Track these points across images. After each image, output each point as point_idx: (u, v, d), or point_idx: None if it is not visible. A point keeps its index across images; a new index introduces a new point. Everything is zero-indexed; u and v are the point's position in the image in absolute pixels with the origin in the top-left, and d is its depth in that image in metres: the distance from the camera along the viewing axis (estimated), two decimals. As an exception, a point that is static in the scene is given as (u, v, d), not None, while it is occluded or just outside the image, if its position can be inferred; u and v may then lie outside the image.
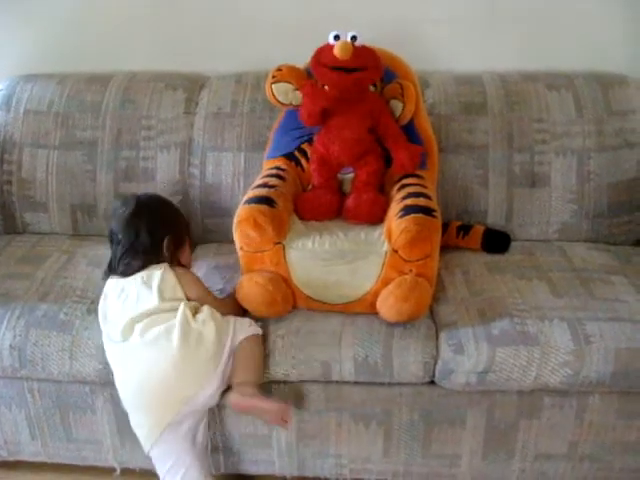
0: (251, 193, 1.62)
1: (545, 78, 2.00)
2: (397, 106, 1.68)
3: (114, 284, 1.58)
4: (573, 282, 1.71)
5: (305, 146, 1.79)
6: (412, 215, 1.51)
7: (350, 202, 1.66)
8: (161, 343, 1.46)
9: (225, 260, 1.83)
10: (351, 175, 1.73)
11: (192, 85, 2.05)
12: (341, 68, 1.59)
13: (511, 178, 1.92)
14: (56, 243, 1.96)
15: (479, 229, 1.88)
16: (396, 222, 1.52)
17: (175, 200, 1.94)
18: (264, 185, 1.65)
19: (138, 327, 1.49)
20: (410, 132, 1.72)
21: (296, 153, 1.80)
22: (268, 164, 1.81)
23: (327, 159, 1.69)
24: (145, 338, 1.47)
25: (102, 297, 1.59)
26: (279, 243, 1.56)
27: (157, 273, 1.55)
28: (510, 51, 2.10)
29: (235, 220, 1.56)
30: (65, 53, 2.16)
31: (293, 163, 1.79)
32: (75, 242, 1.97)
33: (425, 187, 1.65)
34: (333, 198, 1.68)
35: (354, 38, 1.61)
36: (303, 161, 1.79)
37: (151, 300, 1.51)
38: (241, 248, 1.58)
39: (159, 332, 1.47)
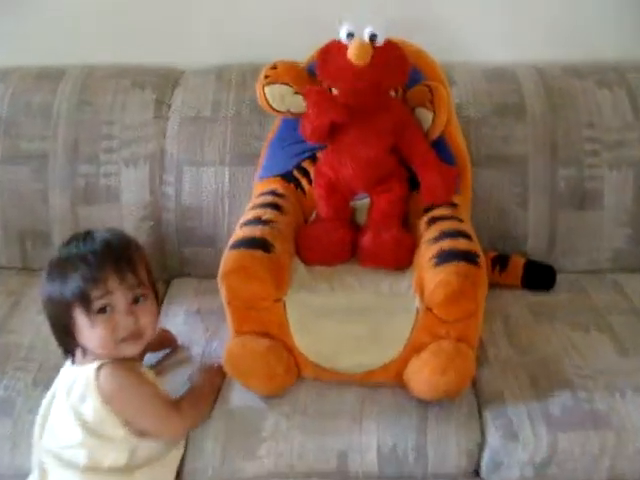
0: (240, 233, 1.26)
1: (591, 71, 1.65)
2: (426, 116, 1.32)
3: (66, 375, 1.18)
4: (638, 329, 1.39)
5: (306, 164, 1.43)
6: (451, 264, 1.17)
7: (367, 241, 1.30)
8: None
9: (208, 302, 1.48)
10: (366, 201, 1.38)
11: (163, 82, 1.67)
12: (356, 72, 1.24)
13: (555, 197, 1.58)
14: (0, 280, 1.60)
15: (519, 261, 1.54)
16: (430, 272, 1.18)
17: (145, 227, 1.60)
18: (257, 220, 1.29)
19: None
20: (439, 147, 1.37)
21: (295, 173, 1.44)
22: (261, 186, 1.45)
23: (337, 185, 1.34)
24: None
25: (47, 398, 1.20)
26: (279, 300, 1.21)
27: (79, 388, 1.12)
28: (544, 36, 1.74)
29: (221, 270, 1.21)
30: (6, 42, 1.76)
31: (292, 185, 1.43)
32: (24, 279, 1.61)
33: (461, 221, 1.31)
34: (345, 234, 1.33)
35: (374, 37, 1.24)
36: (304, 182, 1.43)
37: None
38: (229, 302, 1.23)
39: None
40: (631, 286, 1.56)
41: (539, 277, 1.54)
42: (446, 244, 1.21)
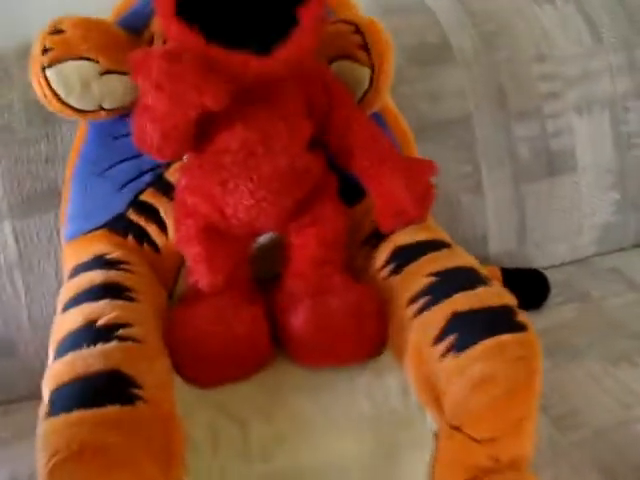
0: (63, 368, 0.62)
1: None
2: (357, 74, 0.74)
3: None
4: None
5: (149, 195, 0.81)
6: (485, 343, 0.62)
7: (301, 320, 0.71)
8: None
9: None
10: (271, 238, 0.79)
11: None
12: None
13: (518, 167, 1.09)
14: None
15: (493, 272, 1.02)
16: (447, 363, 0.63)
17: None
18: (89, 330, 0.65)
19: None
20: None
21: (132, 216, 0.81)
22: (74, 253, 0.81)
23: (221, 227, 0.73)
24: None
25: None
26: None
27: None
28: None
29: (46, 451, 0.57)
30: None
31: (131, 239, 0.80)
32: None
33: (449, 246, 0.76)
34: (255, 313, 0.72)
35: None
36: (152, 229, 0.81)
37: None
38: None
39: None
40: (636, 269, 1.11)
41: (524, 291, 1.03)
42: (458, 303, 0.66)
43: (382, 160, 0.70)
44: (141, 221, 0.80)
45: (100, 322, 0.65)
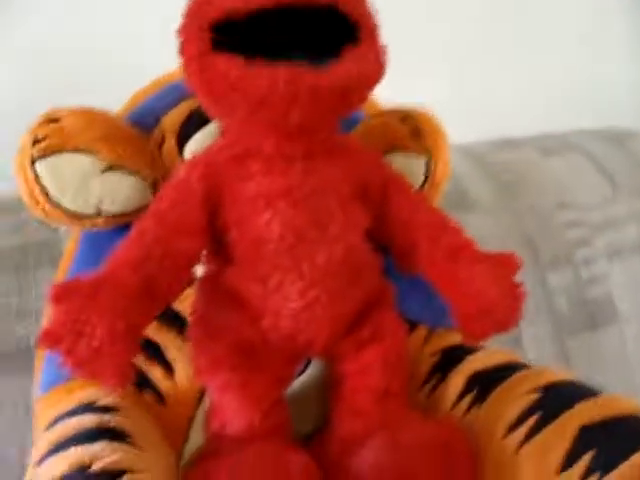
0: None
1: (527, 141, 1.12)
2: (411, 166, 0.63)
3: None
4: None
5: (150, 329, 0.64)
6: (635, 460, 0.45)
7: (371, 462, 0.52)
8: None
9: None
10: (313, 374, 0.62)
11: None
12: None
13: (557, 320, 0.96)
14: None
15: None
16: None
17: None
18: None
19: None
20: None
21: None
22: (56, 402, 0.61)
23: (257, 346, 0.56)
24: None
25: None
26: None
27: None
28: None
29: None
30: None
31: (129, 385, 0.61)
32: None
33: (535, 366, 0.60)
34: (303, 465, 0.53)
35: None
36: (154, 372, 0.63)
37: None
38: None
39: None
40: None
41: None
42: (583, 414, 0.50)
43: (457, 251, 0.56)
44: (140, 362, 0.63)
45: (95, 467, 0.46)
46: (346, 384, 0.58)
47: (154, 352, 0.64)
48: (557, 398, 0.53)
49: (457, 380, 0.60)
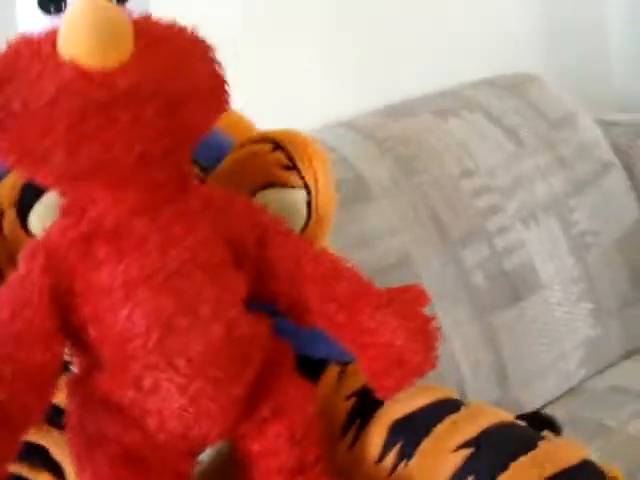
0: None
1: (421, 103, 1.06)
2: (290, 202, 0.55)
3: None
4: None
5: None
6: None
7: None
8: None
9: None
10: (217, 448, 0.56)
11: None
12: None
13: (476, 298, 0.92)
14: None
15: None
16: None
17: None
18: None
19: None
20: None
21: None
22: None
23: (145, 451, 0.49)
24: None
25: None
26: None
27: None
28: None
29: None
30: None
31: None
32: None
33: (465, 404, 0.55)
34: None
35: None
36: (43, 479, 0.55)
37: None
38: None
39: None
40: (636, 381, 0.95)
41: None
42: (524, 473, 0.45)
43: (354, 300, 0.50)
44: (23, 471, 0.55)
45: None
46: (256, 466, 0.52)
47: (38, 457, 0.56)
48: (489, 455, 0.48)
49: (379, 429, 0.55)
